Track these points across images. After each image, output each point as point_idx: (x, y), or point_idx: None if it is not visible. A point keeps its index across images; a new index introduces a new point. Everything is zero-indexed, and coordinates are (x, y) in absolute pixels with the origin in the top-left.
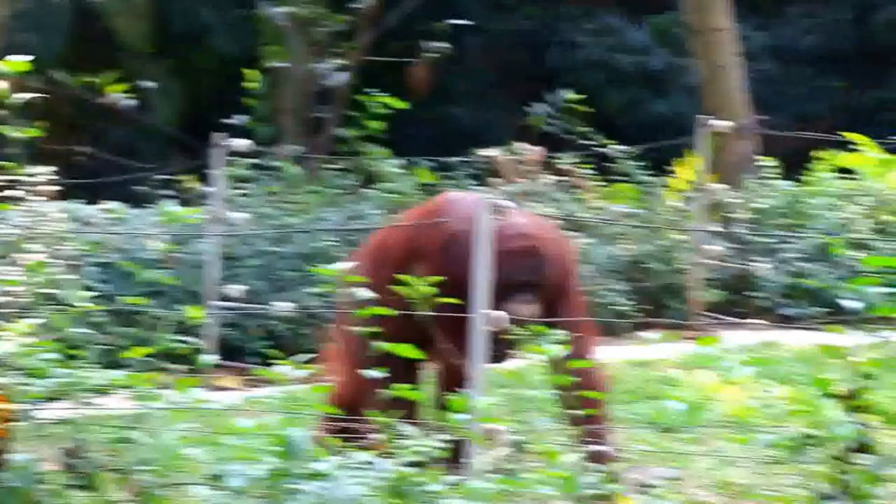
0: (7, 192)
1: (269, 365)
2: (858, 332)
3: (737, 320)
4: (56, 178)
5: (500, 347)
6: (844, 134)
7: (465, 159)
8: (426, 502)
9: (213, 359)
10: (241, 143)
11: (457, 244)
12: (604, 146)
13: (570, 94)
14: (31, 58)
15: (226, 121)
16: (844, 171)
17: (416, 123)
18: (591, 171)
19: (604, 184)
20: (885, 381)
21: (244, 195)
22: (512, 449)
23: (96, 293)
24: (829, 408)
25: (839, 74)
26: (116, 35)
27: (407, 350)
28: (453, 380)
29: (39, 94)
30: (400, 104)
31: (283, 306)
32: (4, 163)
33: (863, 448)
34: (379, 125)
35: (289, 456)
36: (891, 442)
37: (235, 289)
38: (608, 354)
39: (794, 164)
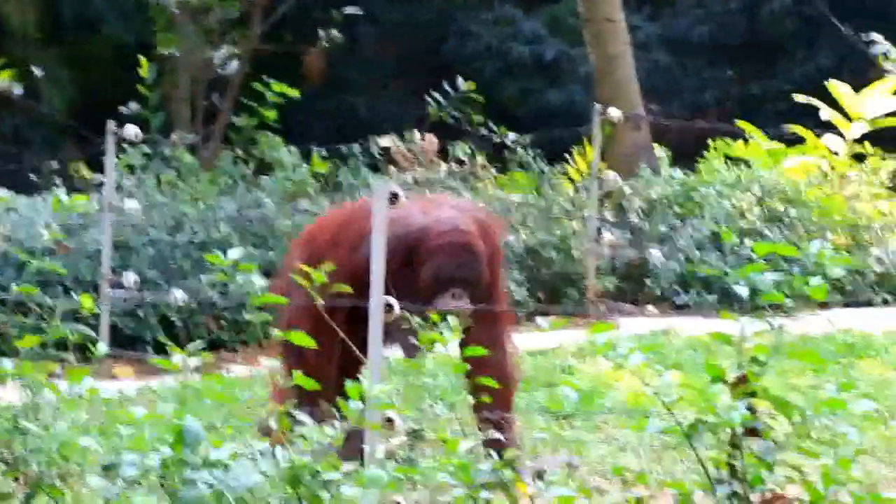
0: None
1: (163, 354)
2: (749, 319)
3: (631, 308)
4: None
5: (409, 340)
6: (735, 123)
7: (362, 148)
8: (323, 491)
9: (107, 348)
10: (131, 131)
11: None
12: (500, 135)
13: (466, 84)
14: None
15: (119, 109)
16: (736, 160)
17: (312, 112)
18: (487, 161)
19: (500, 173)
20: (774, 367)
21: (137, 184)
22: (409, 437)
23: None
24: (720, 394)
25: (730, 65)
26: (5, 22)
27: (300, 338)
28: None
29: None
30: (294, 93)
31: (177, 295)
32: None
33: (753, 433)
34: (273, 114)
35: (183, 445)
36: (781, 427)
37: (129, 278)
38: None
39: (687, 154)
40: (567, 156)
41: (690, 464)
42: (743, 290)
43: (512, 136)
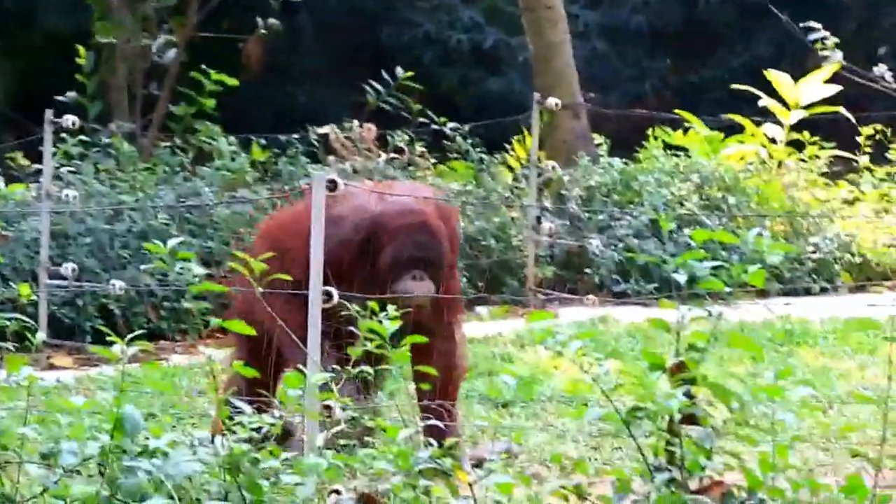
0: None
1: (102, 343)
2: (687, 307)
3: (570, 296)
4: None
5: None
6: (674, 112)
7: (300, 137)
8: (262, 479)
9: (45, 337)
10: (69, 120)
11: (337, 230)
12: (438, 124)
13: (404, 73)
14: None
15: (57, 98)
16: (674, 149)
17: (251, 101)
18: (427, 149)
19: (439, 162)
20: (713, 355)
21: (75, 172)
22: (348, 425)
23: None
24: (659, 381)
25: (669, 53)
26: None
27: (238, 326)
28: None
29: None
30: (233, 81)
31: (116, 284)
32: None
33: (692, 420)
34: (211, 102)
35: (122, 433)
36: (720, 414)
37: (67, 267)
38: None
39: (626, 142)
40: (506, 144)
41: (630, 451)
42: (681, 278)
43: (451, 124)
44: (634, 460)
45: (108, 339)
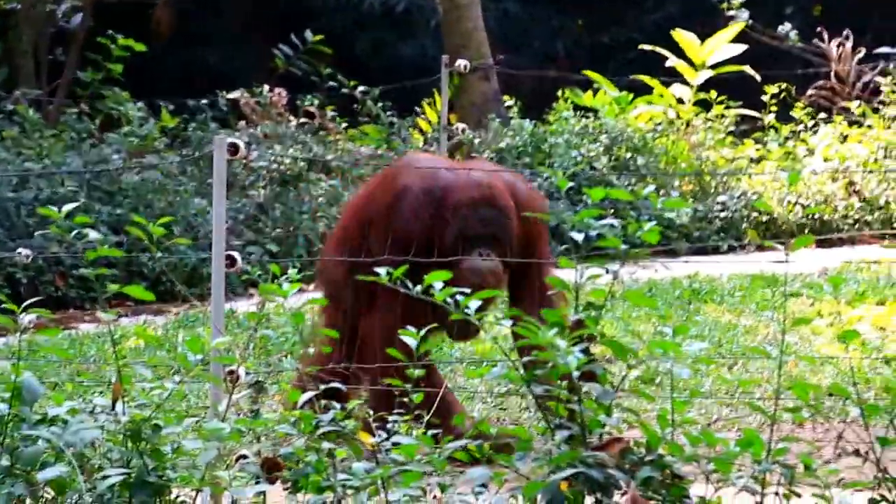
0: None
1: (6, 312)
2: (585, 265)
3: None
4: None
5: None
6: (584, 73)
7: (210, 103)
8: (164, 445)
9: None
10: None
11: (404, 201)
12: (349, 88)
13: (314, 37)
14: None
15: None
16: (584, 110)
17: (161, 67)
18: (339, 114)
19: (351, 126)
20: (619, 314)
21: None
22: (252, 389)
23: None
24: (558, 339)
25: (579, 14)
26: None
27: (137, 291)
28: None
29: None
30: (140, 47)
31: (22, 252)
32: None
33: (591, 378)
34: (119, 68)
35: (20, 402)
36: (622, 372)
37: None
38: None
39: (538, 104)
40: (417, 108)
41: (530, 410)
42: (578, 236)
43: (361, 88)
44: (536, 419)
45: (7, 307)
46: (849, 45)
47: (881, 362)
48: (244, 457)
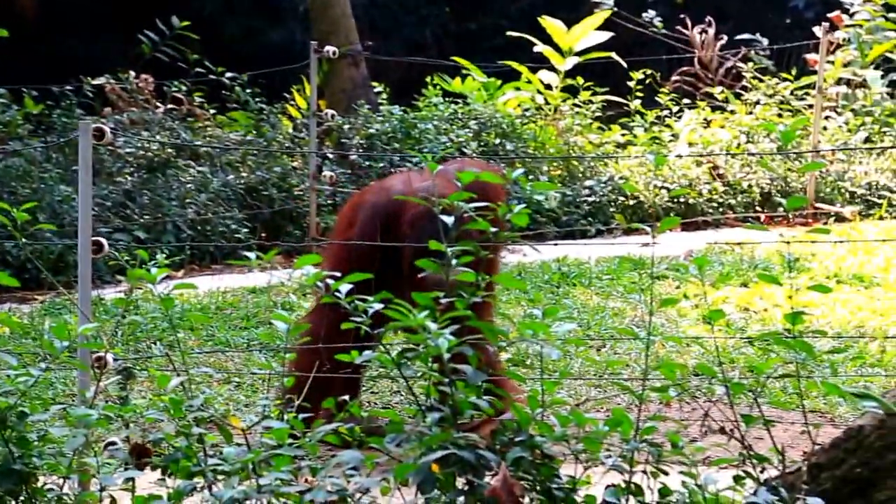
0: None
1: None
2: (456, 247)
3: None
4: None
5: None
6: (452, 59)
7: (75, 89)
8: (30, 432)
9: None
10: None
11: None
12: (216, 74)
13: (181, 23)
14: None
15: None
16: (453, 96)
17: (25, 53)
18: (207, 100)
19: (219, 112)
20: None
21: None
22: (120, 376)
23: None
24: (428, 321)
25: (447, 1)
26: None
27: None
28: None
29: None
30: (3, 32)
31: None
32: None
33: (462, 360)
34: None
35: None
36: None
37: None
38: (226, 282)
39: (408, 90)
40: (287, 94)
41: (401, 392)
42: (448, 220)
43: (229, 74)
44: (407, 402)
45: None
46: (711, 31)
47: (745, 342)
48: (113, 443)
